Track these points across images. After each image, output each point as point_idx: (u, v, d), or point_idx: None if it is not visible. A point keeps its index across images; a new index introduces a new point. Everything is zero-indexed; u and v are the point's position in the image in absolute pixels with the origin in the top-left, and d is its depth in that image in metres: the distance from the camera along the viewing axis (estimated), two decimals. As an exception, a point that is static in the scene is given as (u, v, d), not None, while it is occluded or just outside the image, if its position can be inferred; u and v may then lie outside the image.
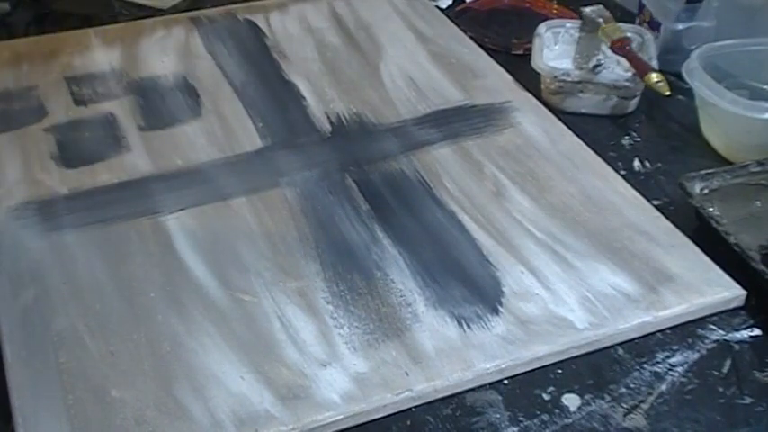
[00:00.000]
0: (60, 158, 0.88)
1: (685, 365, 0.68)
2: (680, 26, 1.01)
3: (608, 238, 0.77)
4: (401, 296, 0.72)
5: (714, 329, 0.71)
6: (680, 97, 0.96)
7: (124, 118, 0.94)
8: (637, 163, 0.89)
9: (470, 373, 0.66)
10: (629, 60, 0.94)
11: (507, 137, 0.90)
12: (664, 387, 0.66)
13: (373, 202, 0.82)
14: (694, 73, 0.89)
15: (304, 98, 0.97)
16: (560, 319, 0.70)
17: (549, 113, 0.94)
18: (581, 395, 0.66)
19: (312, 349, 0.67)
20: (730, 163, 0.86)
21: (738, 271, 0.73)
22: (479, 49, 1.06)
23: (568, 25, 1.02)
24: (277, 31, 1.10)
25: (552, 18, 1.09)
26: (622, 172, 0.87)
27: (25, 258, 0.76)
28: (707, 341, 0.70)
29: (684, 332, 0.71)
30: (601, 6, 1.00)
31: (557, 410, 0.64)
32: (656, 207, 0.82)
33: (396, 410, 0.64)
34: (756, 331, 0.71)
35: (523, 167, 0.86)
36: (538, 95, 0.97)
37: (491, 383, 0.66)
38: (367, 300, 0.71)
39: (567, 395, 0.66)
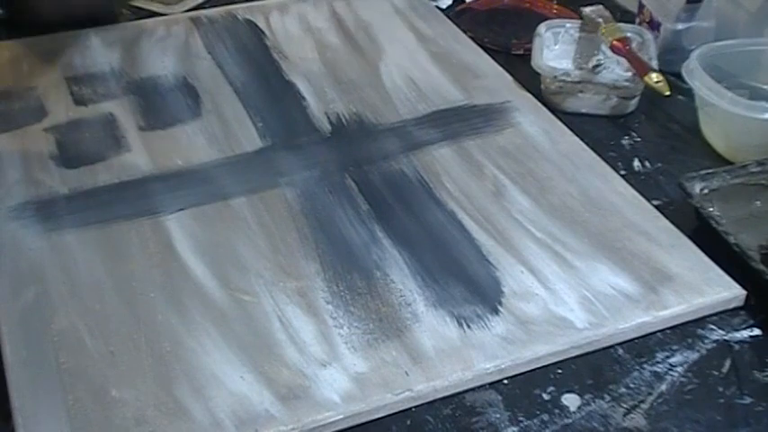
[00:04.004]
0: (60, 158, 0.88)
1: (685, 365, 0.68)
2: (680, 26, 1.01)
3: (608, 238, 0.77)
4: (401, 296, 0.72)
5: (714, 329, 0.71)
6: (680, 97, 0.96)
7: (124, 118, 0.94)
8: (637, 163, 0.89)
9: (470, 373, 0.66)
10: (629, 60, 0.94)
11: (507, 137, 0.91)
12: (663, 387, 0.66)
13: (373, 202, 0.82)
14: (694, 73, 0.89)
15: (304, 98, 0.97)
16: (560, 319, 0.70)
17: (549, 113, 0.94)
18: (581, 395, 0.66)
19: (312, 349, 0.67)
20: (730, 163, 0.86)
21: (738, 271, 0.73)
22: (479, 49, 1.06)
23: (568, 25, 1.02)
24: (277, 31, 1.10)
25: (552, 18, 1.09)
26: (622, 172, 0.87)
27: (25, 258, 0.76)
28: (707, 341, 0.70)
29: (684, 332, 0.71)
30: (601, 6, 1.00)
31: (556, 410, 0.64)
32: (655, 207, 0.82)
33: (395, 410, 0.64)
34: (756, 331, 0.71)
35: (523, 167, 0.86)
36: (538, 95, 0.97)
37: (491, 383, 0.66)
38: (367, 300, 0.71)
39: (566, 395, 0.66)
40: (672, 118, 0.96)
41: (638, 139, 0.93)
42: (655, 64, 0.94)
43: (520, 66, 1.01)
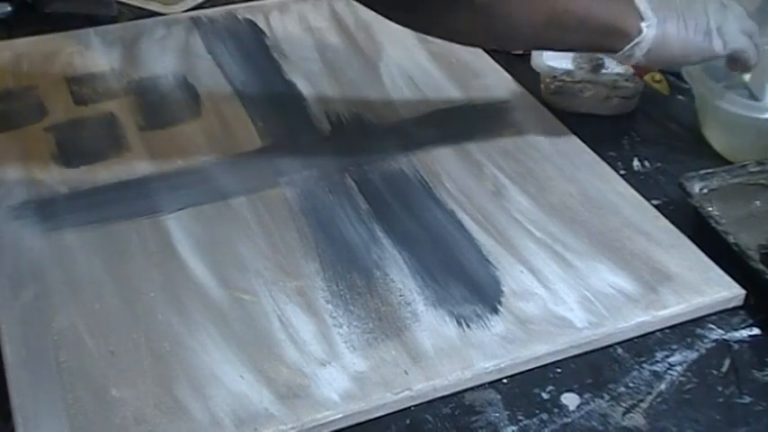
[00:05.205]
0: (60, 158, 0.88)
1: (684, 365, 0.68)
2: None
3: (607, 237, 0.78)
4: (401, 295, 0.72)
5: (713, 329, 0.71)
6: (680, 97, 0.96)
7: (124, 118, 0.94)
8: (636, 163, 0.89)
9: (469, 373, 0.66)
10: (629, 60, 0.94)
11: (507, 137, 0.91)
12: (663, 386, 0.66)
13: (373, 201, 0.82)
14: (694, 73, 0.89)
15: (304, 98, 0.97)
16: (560, 318, 0.70)
17: (549, 113, 0.94)
18: (580, 394, 0.66)
19: (311, 348, 0.67)
20: (730, 163, 0.86)
21: (737, 270, 0.73)
22: (479, 49, 1.06)
23: (568, 25, 1.02)
24: (277, 31, 1.10)
25: (552, 18, 1.08)
26: (622, 172, 0.87)
27: (25, 258, 0.76)
28: (706, 340, 0.70)
29: (684, 331, 0.71)
30: (601, 6, 1.00)
31: (556, 409, 0.64)
32: (655, 207, 0.82)
33: (395, 409, 0.64)
34: (755, 331, 0.71)
35: (523, 167, 0.86)
36: (538, 95, 0.97)
37: (490, 383, 0.66)
38: (366, 299, 0.72)
39: (566, 394, 0.66)
40: (672, 118, 0.96)
41: (638, 139, 0.93)
42: (655, 64, 0.94)
43: (520, 66, 1.01)
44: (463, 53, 1.05)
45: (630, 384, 0.66)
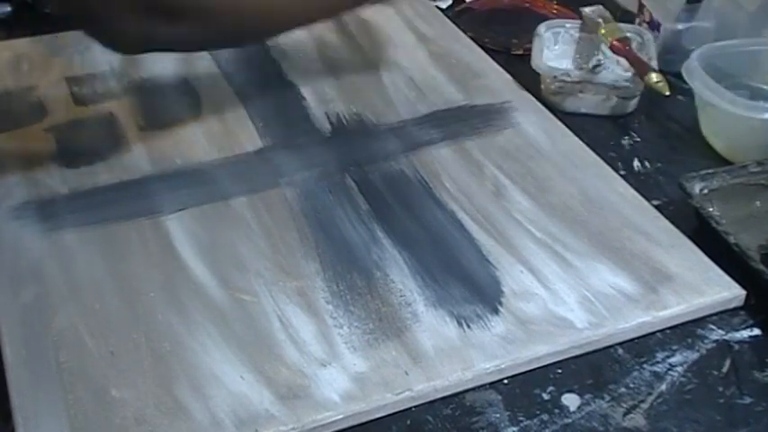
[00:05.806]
0: (60, 158, 0.88)
1: (685, 365, 0.68)
2: (680, 26, 1.01)
3: (608, 237, 0.77)
4: (401, 296, 0.72)
5: (714, 329, 0.71)
6: (680, 97, 0.96)
7: (124, 118, 0.94)
8: (636, 163, 0.89)
9: (470, 373, 0.66)
10: (629, 60, 0.94)
11: (507, 137, 0.91)
12: (663, 387, 0.66)
13: (373, 202, 0.82)
14: (694, 73, 0.89)
15: (304, 98, 0.97)
16: (560, 318, 0.70)
17: (549, 113, 0.94)
18: (581, 395, 0.66)
19: (312, 349, 0.67)
20: (730, 163, 0.86)
21: (738, 271, 0.73)
22: (479, 50, 1.06)
23: (568, 25, 1.02)
24: (277, 31, 1.10)
25: (552, 18, 1.09)
26: (622, 172, 0.87)
27: (25, 258, 0.76)
28: (706, 341, 0.70)
29: (684, 332, 0.71)
30: (601, 6, 1.00)
31: (556, 410, 0.64)
32: (655, 207, 0.82)
33: (395, 410, 0.64)
34: (756, 331, 0.71)
35: (523, 167, 0.86)
36: (538, 95, 0.97)
37: (491, 383, 0.66)
38: (367, 299, 0.72)
39: (566, 395, 0.66)
40: (672, 118, 0.96)
41: (638, 139, 0.93)
42: (655, 64, 0.93)
43: (520, 66, 1.01)
44: (463, 53, 1.05)
45: (631, 385, 0.66)
